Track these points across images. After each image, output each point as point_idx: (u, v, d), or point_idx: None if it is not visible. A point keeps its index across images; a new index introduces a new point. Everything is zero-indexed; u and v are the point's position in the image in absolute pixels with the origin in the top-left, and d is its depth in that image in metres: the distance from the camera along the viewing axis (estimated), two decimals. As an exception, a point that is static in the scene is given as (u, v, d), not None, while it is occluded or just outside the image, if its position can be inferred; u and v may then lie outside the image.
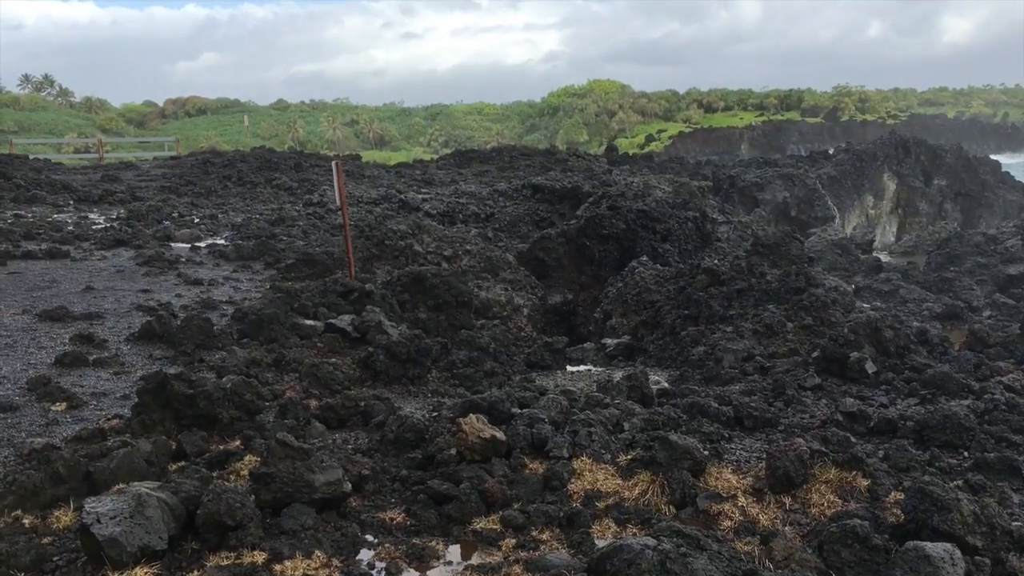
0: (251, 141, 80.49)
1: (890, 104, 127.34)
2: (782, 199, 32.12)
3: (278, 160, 27.63)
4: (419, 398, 7.66)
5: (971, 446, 5.76)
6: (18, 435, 5.94)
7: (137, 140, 59.26)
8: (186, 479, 4.73)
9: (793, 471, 4.95)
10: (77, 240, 14.15)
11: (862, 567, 3.96)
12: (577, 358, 10.41)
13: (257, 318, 8.89)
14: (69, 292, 10.52)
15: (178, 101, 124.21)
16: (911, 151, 36.84)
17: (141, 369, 7.63)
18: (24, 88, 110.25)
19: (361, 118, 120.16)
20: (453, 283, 10.67)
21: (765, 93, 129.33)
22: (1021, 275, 13.91)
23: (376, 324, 8.67)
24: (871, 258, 18.87)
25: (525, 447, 5.52)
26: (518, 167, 28.92)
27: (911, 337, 8.23)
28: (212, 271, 12.63)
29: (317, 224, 17.55)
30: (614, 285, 12.86)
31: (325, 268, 12.70)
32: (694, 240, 18.01)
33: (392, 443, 5.82)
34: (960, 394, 6.95)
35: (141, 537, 4.05)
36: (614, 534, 4.53)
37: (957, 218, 34.83)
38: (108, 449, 5.38)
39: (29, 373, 7.28)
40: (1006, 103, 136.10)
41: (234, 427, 6.09)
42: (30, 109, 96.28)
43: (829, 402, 7.01)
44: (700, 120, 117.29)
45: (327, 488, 4.68)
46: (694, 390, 7.49)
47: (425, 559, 4.30)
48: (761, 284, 10.23)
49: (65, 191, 19.89)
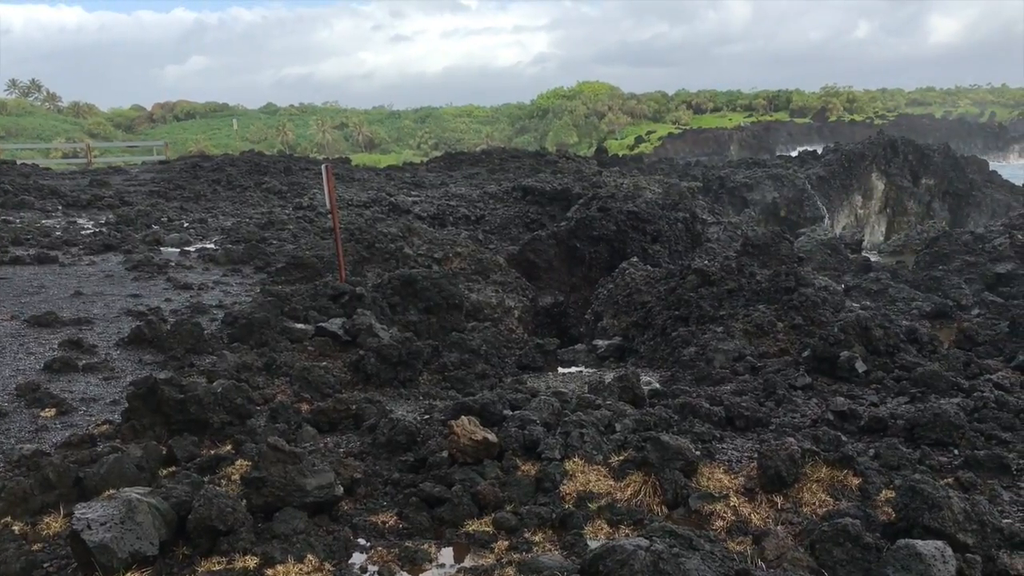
0: (240, 145, 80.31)
1: (878, 104, 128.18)
2: (771, 200, 32.27)
3: (267, 164, 27.58)
4: (410, 401, 7.65)
5: (961, 444, 5.79)
6: (7, 441, 5.91)
7: (125, 145, 58.98)
8: (177, 484, 4.70)
9: (784, 470, 4.96)
10: (66, 245, 14.09)
11: (854, 565, 3.98)
12: (568, 359, 10.41)
13: (247, 322, 8.86)
14: (58, 297, 10.47)
15: (166, 105, 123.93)
16: (899, 151, 37.07)
17: (131, 374, 7.60)
18: (11, 93, 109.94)
19: (351, 121, 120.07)
20: (444, 285, 10.67)
21: (754, 94, 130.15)
22: (1009, 273, 13.98)
23: (367, 327, 8.66)
24: (860, 257, 18.96)
25: (517, 449, 5.51)
26: (508, 169, 28.98)
27: (901, 336, 8.26)
28: (202, 275, 12.58)
29: (307, 227, 17.52)
30: (605, 286, 12.88)
31: (315, 271, 12.68)
32: (684, 241, 18.06)
33: (384, 446, 5.81)
34: (950, 392, 6.98)
35: (132, 543, 4.03)
36: (607, 535, 4.53)
37: (945, 217, 35.03)
38: (98, 455, 5.36)
39: (18, 379, 7.24)
40: (993, 102, 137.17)
41: (225, 432, 6.06)
42: (17, 114, 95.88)
43: (820, 401, 7.02)
44: (689, 121, 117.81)
45: (319, 492, 4.67)
46: (685, 390, 7.50)
47: (418, 562, 4.30)
48: (751, 284, 10.26)
49: (53, 196, 19.79)
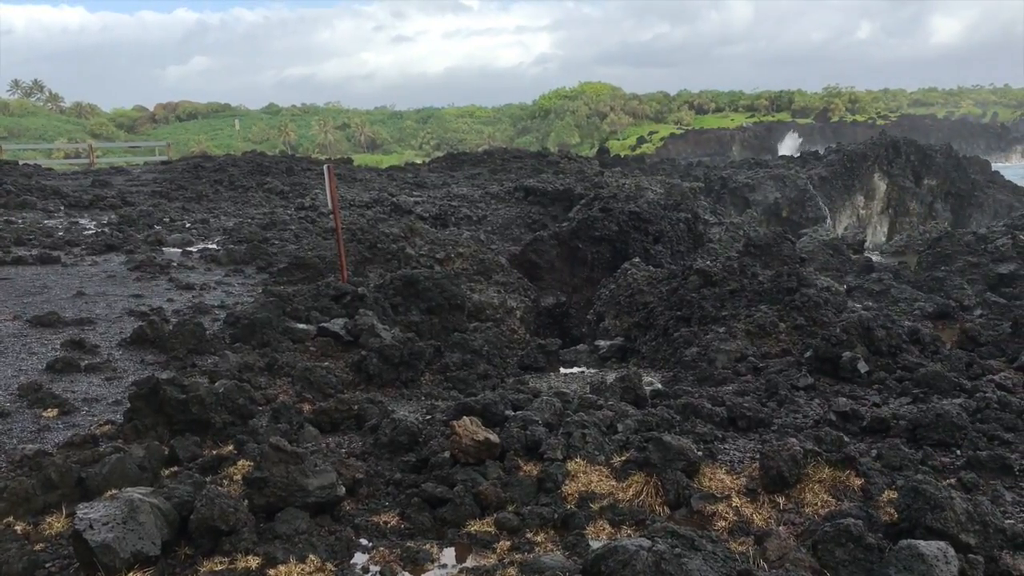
0: (242, 145, 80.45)
1: (880, 105, 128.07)
2: (773, 200, 32.26)
3: (269, 164, 27.58)
4: (412, 401, 7.65)
5: (963, 444, 5.78)
6: (9, 441, 5.91)
7: (128, 145, 59.00)
8: (179, 484, 4.71)
9: (786, 471, 4.96)
10: (68, 245, 14.10)
11: (856, 566, 3.97)
12: (570, 360, 10.41)
13: (249, 322, 8.87)
14: (60, 298, 10.47)
15: (169, 106, 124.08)
16: (901, 151, 37.05)
17: (133, 374, 7.60)
18: (14, 93, 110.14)
19: (352, 121, 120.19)
20: (446, 286, 10.67)
21: (756, 94, 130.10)
22: (1012, 274, 13.95)
23: (369, 327, 8.66)
24: (862, 258, 18.91)
25: (519, 449, 5.51)
26: (510, 169, 28.98)
27: (903, 336, 8.25)
28: (204, 275, 12.59)
29: (309, 228, 17.52)
30: (607, 287, 12.88)
31: (317, 272, 12.69)
32: (686, 241, 18.07)
33: (386, 446, 5.81)
34: (952, 393, 6.98)
35: (134, 543, 4.03)
36: (609, 535, 4.53)
37: (947, 218, 34.99)
38: (100, 455, 5.37)
39: (20, 379, 7.25)
40: (995, 103, 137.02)
41: (227, 432, 6.06)
42: (20, 115, 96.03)
43: (822, 402, 7.02)
44: (691, 122, 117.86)
45: (321, 492, 4.67)
46: (687, 391, 7.49)
47: (419, 562, 4.29)
48: (753, 285, 10.25)
49: (55, 196, 19.81)
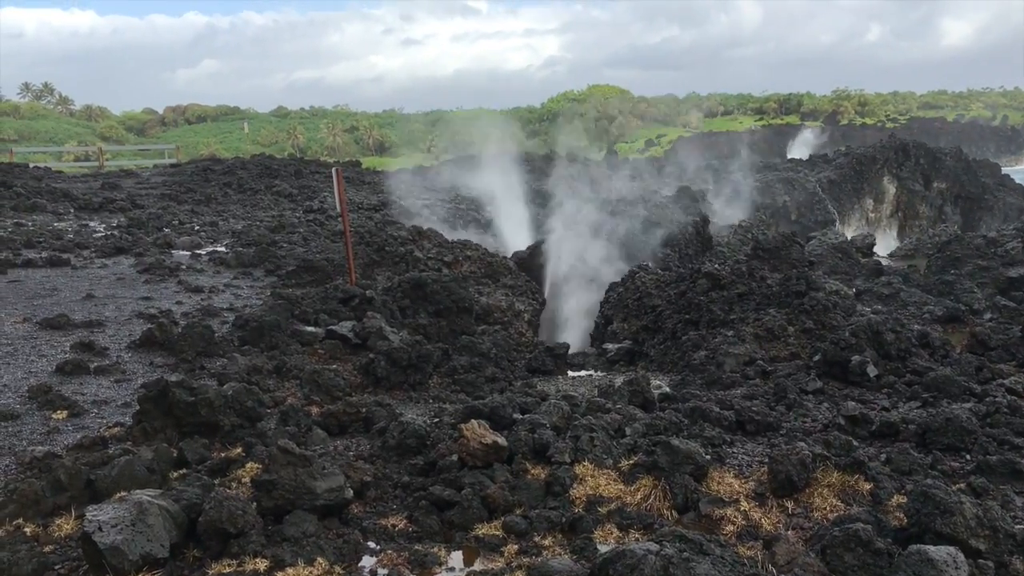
0: (251, 148, 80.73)
1: (889, 107, 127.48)
2: (782, 203, 32.17)
3: (278, 167, 27.66)
4: (420, 404, 7.66)
5: (973, 449, 5.75)
6: (19, 443, 5.94)
7: (137, 148, 59.19)
8: (187, 487, 4.72)
9: (795, 475, 4.94)
10: (78, 248, 14.17)
11: (865, 571, 3.95)
12: (578, 363, 10.41)
13: (258, 325, 8.89)
14: (70, 300, 10.53)
15: (178, 108, 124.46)
16: (911, 154, 36.89)
17: (142, 377, 7.63)
18: (24, 96, 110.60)
19: (361, 124, 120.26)
20: (454, 289, 10.67)
21: (764, 97, 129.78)
22: (1022, 278, 13.85)
23: (377, 330, 8.67)
24: (871, 261, 18.85)
25: (527, 452, 5.50)
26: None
27: (912, 340, 8.22)
28: (213, 278, 12.64)
29: (317, 231, 17.57)
30: (615, 290, 12.87)
31: (326, 274, 12.72)
32: (694, 244, 18.05)
33: (394, 449, 5.81)
34: (962, 397, 6.94)
35: (143, 545, 4.05)
36: (616, 539, 4.52)
37: (957, 221, 34.80)
38: (109, 457, 5.38)
39: (30, 381, 7.28)
40: (1005, 106, 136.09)
41: (235, 434, 6.08)
42: (30, 118, 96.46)
43: (831, 406, 6.99)
44: (700, 125, 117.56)
45: (329, 495, 4.67)
46: (695, 394, 7.48)
47: (427, 565, 4.29)
48: (762, 288, 10.23)
49: (65, 199, 19.91)
